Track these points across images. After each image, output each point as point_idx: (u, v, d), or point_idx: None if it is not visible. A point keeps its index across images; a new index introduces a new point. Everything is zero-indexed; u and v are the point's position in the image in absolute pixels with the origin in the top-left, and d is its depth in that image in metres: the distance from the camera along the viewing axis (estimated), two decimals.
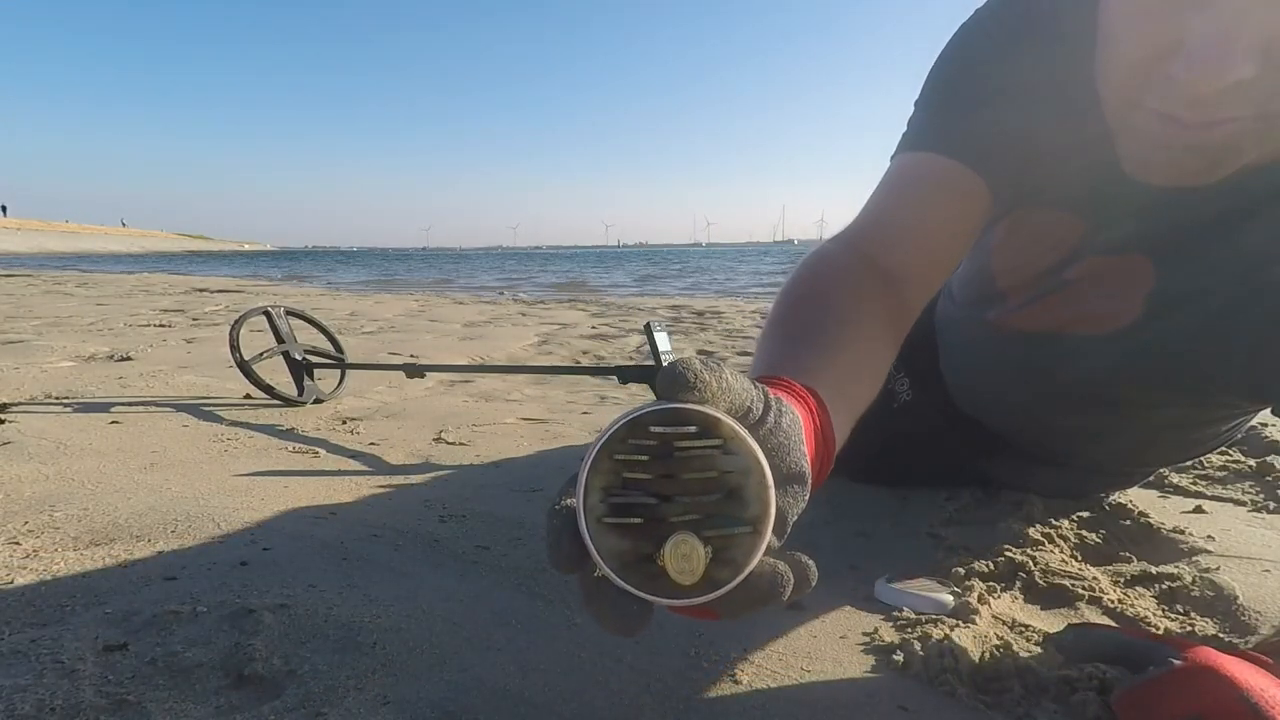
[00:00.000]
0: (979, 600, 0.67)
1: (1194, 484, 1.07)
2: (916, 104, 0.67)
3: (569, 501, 0.29)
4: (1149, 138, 0.48)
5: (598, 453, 0.28)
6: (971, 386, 0.88)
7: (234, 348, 1.48)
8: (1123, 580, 0.75)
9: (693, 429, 0.28)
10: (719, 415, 0.29)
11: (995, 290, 0.77)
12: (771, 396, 0.35)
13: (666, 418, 0.28)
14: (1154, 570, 0.75)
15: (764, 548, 0.29)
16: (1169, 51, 0.43)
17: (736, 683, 0.56)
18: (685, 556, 0.27)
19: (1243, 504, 0.99)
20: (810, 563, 0.31)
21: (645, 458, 0.28)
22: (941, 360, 0.91)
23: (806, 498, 0.35)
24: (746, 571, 0.28)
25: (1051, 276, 0.69)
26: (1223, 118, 0.43)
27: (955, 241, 0.62)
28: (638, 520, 0.28)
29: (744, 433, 0.29)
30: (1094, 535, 0.85)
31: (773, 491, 0.29)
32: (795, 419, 0.35)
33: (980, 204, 0.61)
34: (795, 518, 0.34)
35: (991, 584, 0.72)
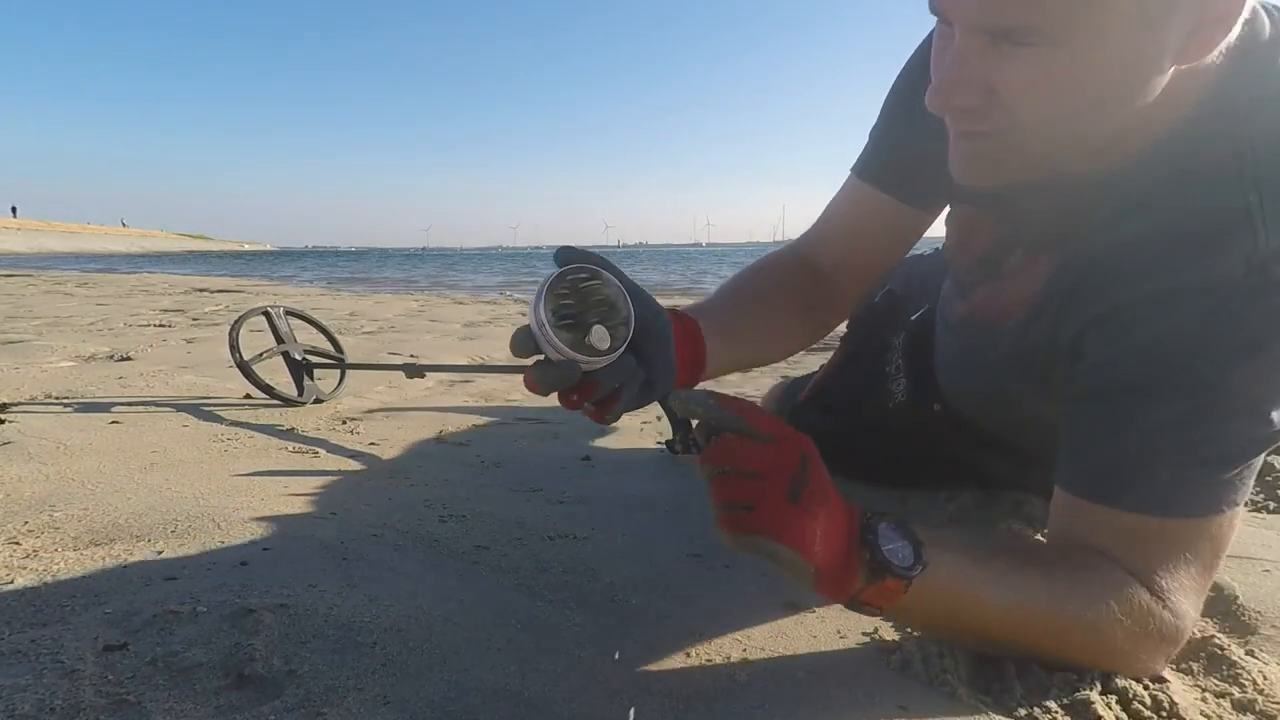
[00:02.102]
0: None
1: None
2: None
3: (528, 324, 0.50)
4: (950, 143, 0.58)
5: (546, 294, 0.49)
6: (942, 381, 0.89)
7: (234, 348, 1.48)
8: None
9: (586, 274, 0.51)
10: (597, 267, 0.51)
11: (953, 274, 0.81)
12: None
13: (574, 270, 0.50)
14: None
15: (632, 329, 0.52)
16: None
17: (736, 683, 0.56)
18: (600, 336, 0.49)
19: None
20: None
21: (567, 291, 0.49)
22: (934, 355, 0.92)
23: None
24: (627, 340, 0.52)
25: (989, 264, 0.71)
26: (966, 131, 0.55)
27: (879, 249, 0.80)
28: (571, 322, 0.49)
29: (614, 274, 0.52)
30: None
31: (631, 301, 0.52)
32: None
33: (898, 219, 0.77)
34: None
35: None
